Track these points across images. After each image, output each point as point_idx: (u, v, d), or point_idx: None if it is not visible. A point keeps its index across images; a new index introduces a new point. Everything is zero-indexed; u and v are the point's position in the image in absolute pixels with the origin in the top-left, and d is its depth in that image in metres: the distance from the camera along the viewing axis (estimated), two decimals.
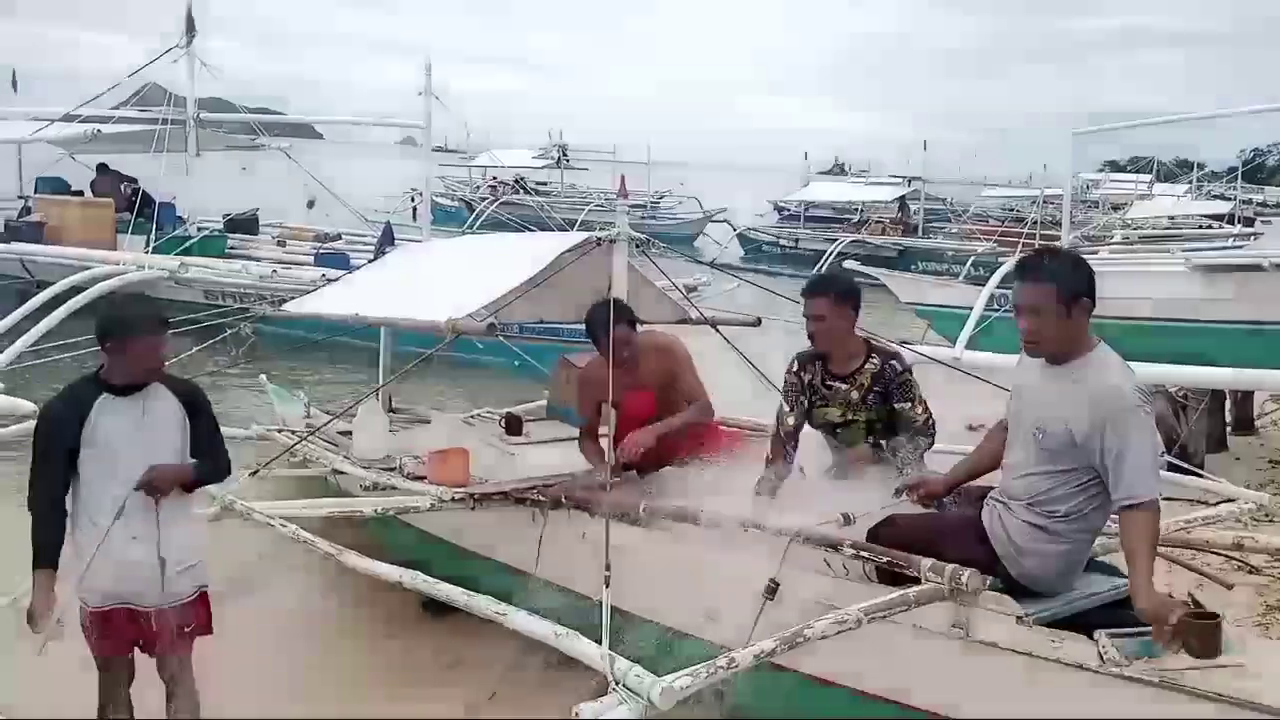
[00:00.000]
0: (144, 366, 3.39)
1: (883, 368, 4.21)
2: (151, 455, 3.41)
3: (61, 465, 3.36)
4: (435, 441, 5.37)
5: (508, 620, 3.03)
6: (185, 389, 3.56)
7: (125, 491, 3.36)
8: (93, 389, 3.39)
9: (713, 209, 30.51)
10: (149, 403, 3.42)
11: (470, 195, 31.05)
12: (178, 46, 13.15)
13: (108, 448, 3.36)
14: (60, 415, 3.39)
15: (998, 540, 3.29)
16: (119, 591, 3.41)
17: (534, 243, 6.21)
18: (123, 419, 3.38)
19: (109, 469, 3.36)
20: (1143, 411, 3.05)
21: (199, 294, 11.14)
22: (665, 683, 2.45)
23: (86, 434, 3.34)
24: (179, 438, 3.48)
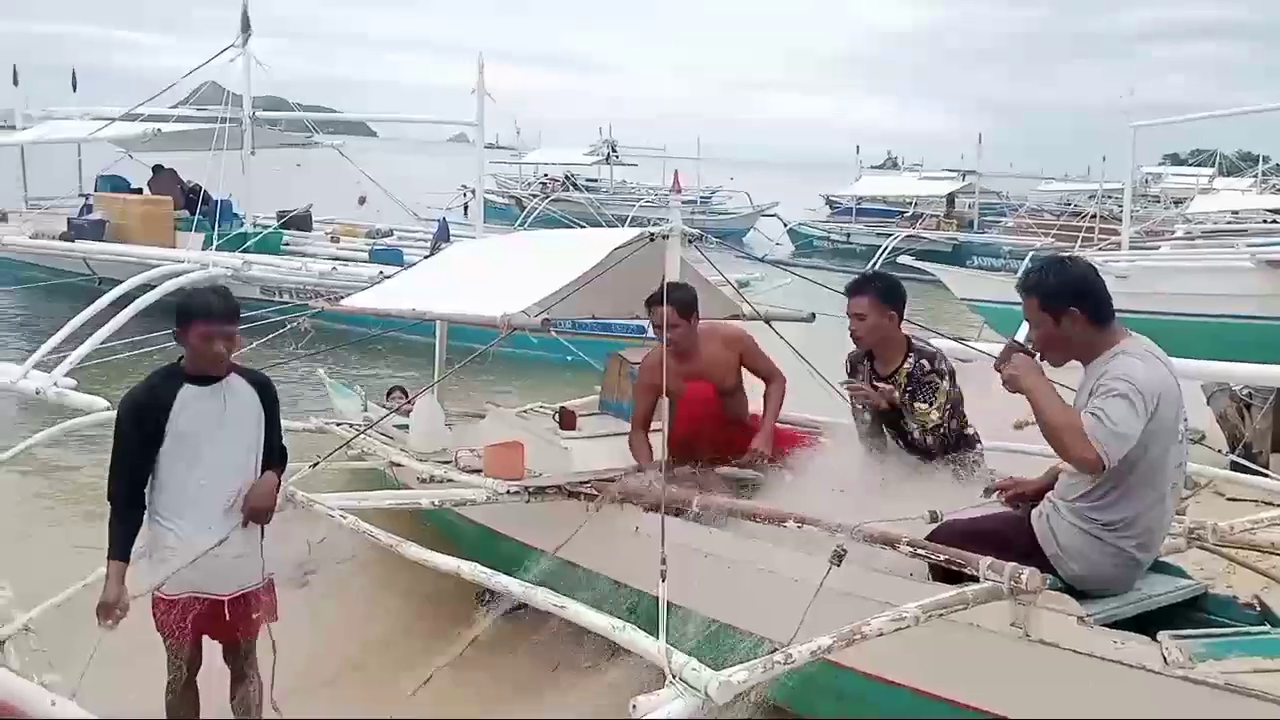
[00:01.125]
0: (205, 353, 3.40)
1: (915, 366, 4.20)
2: (231, 446, 3.46)
3: (143, 456, 3.40)
4: (490, 435, 5.43)
5: (566, 612, 3.04)
6: (260, 380, 3.61)
7: (207, 479, 3.42)
8: (175, 380, 3.43)
9: (763, 204, 30.41)
10: (229, 393, 3.47)
11: (521, 192, 31.22)
12: (234, 46, 13.35)
13: (190, 437, 3.40)
14: (143, 405, 3.42)
15: (1045, 542, 3.28)
16: (191, 580, 3.46)
17: (588, 239, 6.24)
18: (204, 409, 3.42)
19: (190, 458, 3.41)
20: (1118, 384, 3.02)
21: (255, 290, 11.33)
22: (723, 677, 2.46)
23: (169, 424, 3.37)
24: (256, 428, 3.54)
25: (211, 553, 3.41)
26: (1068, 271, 3.31)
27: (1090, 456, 2.96)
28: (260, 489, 3.52)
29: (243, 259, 11.14)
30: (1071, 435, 2.98)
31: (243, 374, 3.57)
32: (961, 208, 27.92)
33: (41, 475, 7.30)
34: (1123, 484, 3.15)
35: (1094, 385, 3.10)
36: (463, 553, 3.92)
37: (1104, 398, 3.01)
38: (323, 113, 17.56)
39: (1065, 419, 3.03)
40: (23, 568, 4.60)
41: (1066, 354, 3.25)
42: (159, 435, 3.38)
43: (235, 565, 3.50)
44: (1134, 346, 3.19)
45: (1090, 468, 3.01)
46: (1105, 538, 3.20)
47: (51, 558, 5.36)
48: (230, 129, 13.11)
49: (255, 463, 3.55)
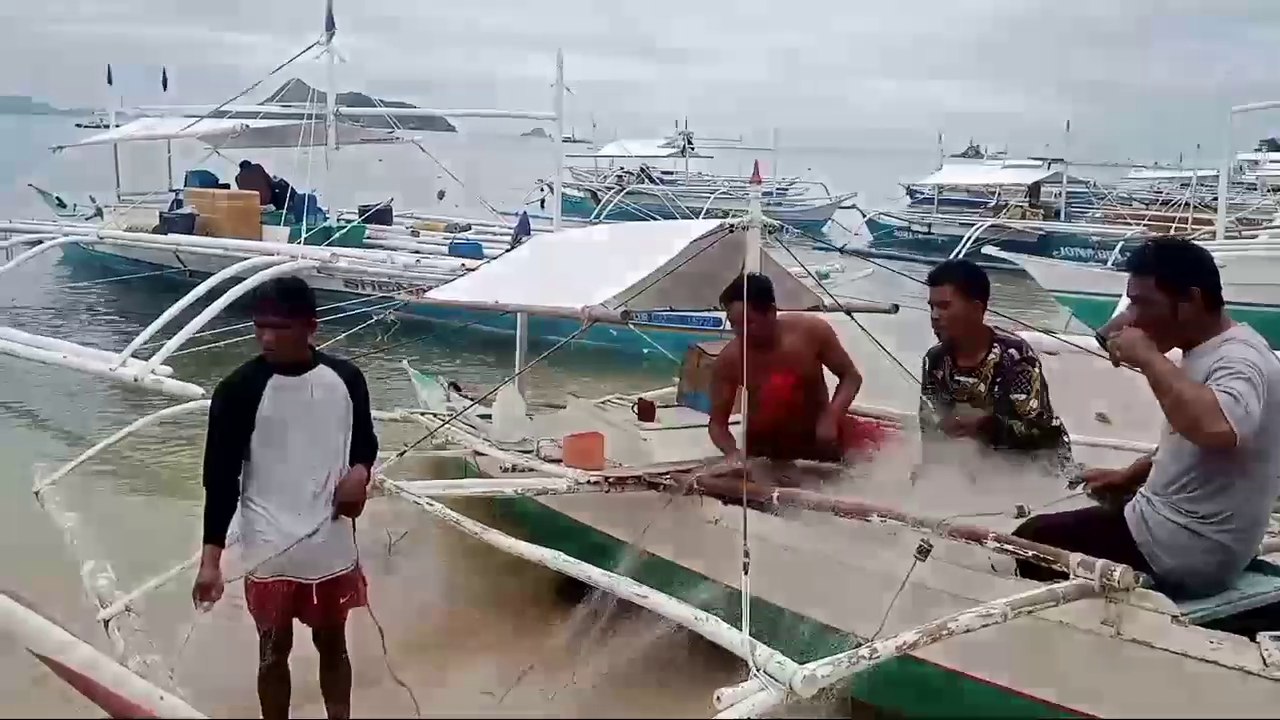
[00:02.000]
0: (267, 342, 3.46)
1: (1002, 356, 4.10)
2: (318, 434, 3.53)
3: (234, 442, 3.49)
4: (570, 426, 5.49)
5: (648, 602, 3.06)
6: (349, 371, 3.67)
7: (294, 467, 3.50)
8: (265, 369, 3.50)
9: (841, 194, 30.05)
10: (316, 383, 3.54)
11: (596, 185, 31.34)
12: (318, 43, 13.63)
13: (277, 425, 3.48)
14: (233, 393, 3.52)
15: (1139, 536, 3.19)
16: (280, 564, 3.54)
17: (667, 230, 6.25)
18: (293, 398, 3.49)
19: (278, 446, 3.49)
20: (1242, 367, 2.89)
21: (340, 283, 11.57)
22: (807, 670, 2.45)
23: (259, 412, 3.46)
24: (343, 418, 3.59)
25: (298, 536, 3.49)
26: (1191, 251, 3.23)
27: (1223, 429, 2.79)
28: (350, 484, 3.58)
29: (330, 252, 11.38)
30: (1203, 408, 2.81)
31: (332, 365, 3.63)
32: (1047, 197, 27.22)
33: (140, 461, 7.55)
34: (1224, 474, 3.04)
35: (1211, 368, 2.95)
36: (541, 542, 3.97)
37: (1229, 378, 2.86)
38: (403, 108, 17.79)
39: (1195, 392, 2.86)
40: (124, 551, 4.76)
41: (1172, 338, 3.09)
42: (249, 422, 3.46)
43: (323, 550, 3.57)
44: (1245, 334, 3.08)
45: (1223, 442, 2.83)
46: (1203, 531, 3.10)
47: (151, 541, 5.56)
48: (315, 125, 13.41)
49: (343, 451, 3.61)
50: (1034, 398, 4.06)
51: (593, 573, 3.37)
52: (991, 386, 4.11)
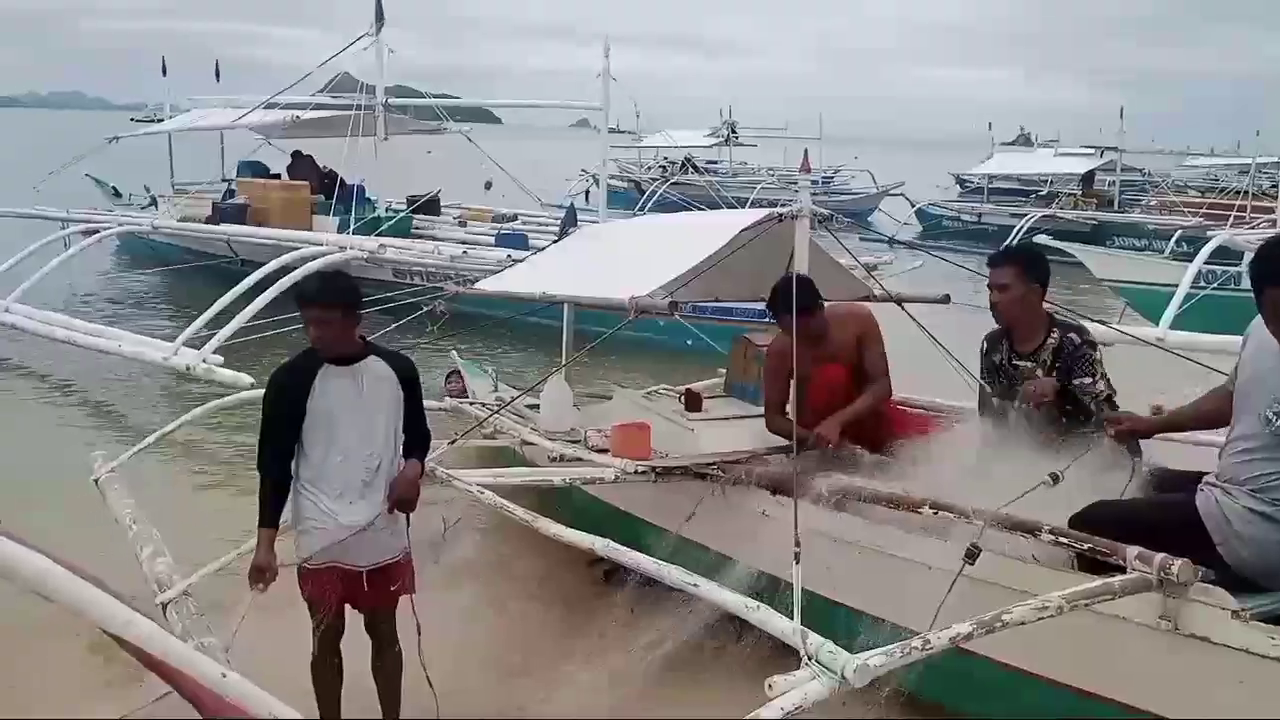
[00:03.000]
0: (311, 335, 3.52)
1: (1062, 341, 4.04)
2: (368, 424, 3.57)
3: (286, 430, 3.55)
4: (617, 416, 5.50)
5: (698, 590, 3.06)
6: (401, 363, 3.70)
7: (344, 455, 3.55)
8: (316, 359, 3.55)
9: (888, 184, 29.76)
10: (366, 374, 3.58)
11: (640, 176, 31.31)
12: (367, 35, 13.75)
13: (327, 415, 3.53)
14: (285, 383, 3.58)
15: (1216, 526, 3.11)
16: (331, 551, 3.59)
17: (714, 220, 6.23)
18: (342, 388, 3.54)
19: (329, 434, 3.54)
20: None
21: (388, 273, 11.68)
22: (860, 660, 2.44)
23: (309, 401, 3.51)
24: (393, 408, 3.63)
25: (349, 525, 3.54)
26: None
27: None
28: (404, 482, 3.62)
29: (378, 242, 11.49)
30: None
31: (383, 356, 3.67)
32: (1100, 186, 26.74)
33: (196, 449, 7.70)
34: None
35: None
36: (589, 530, 3.98)
37: None
38: (450, 100, 17.88)
39: None
40: (181, 537, 4.86)
41: None
42: (300, 411, 3.52)
43: (374, 539, 3.61)
44: None
45: None
46: None
47: (206, 527, 5.67)
48: (364, 116, 13.54)
49: (394, 441, 3.65)
50: (1100, 379, 4.00)
51: (642, 560, 3.38)
52: (1050, 372, 4.04)
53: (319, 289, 3.59)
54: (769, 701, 2.37)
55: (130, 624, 1.79)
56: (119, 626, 1.76)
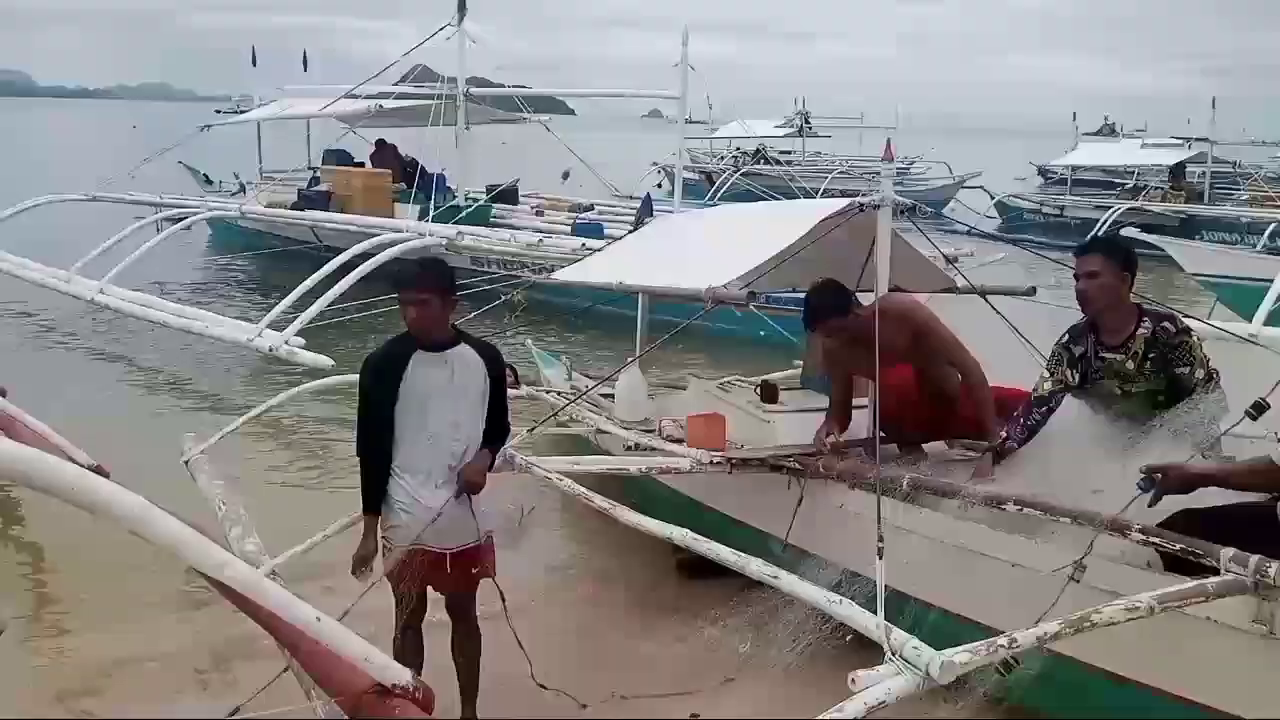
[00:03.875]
0: (409, 319, 3.58)
1: (1155, 331, 3.91)
2: (456, 409, 3.64)
3: (381, 413, 3.63)
4: (692, 407, 5.51)
5: (779, 583, 3.06)
6: (489, 351, 3.76)
7: (432, 441, 3.62)
8: (409, 345, 3.63)
9: (964, 174, 29.16)
10: (456, 360, 3.65)
11: (712, 166, 31.15)
12: (449, 25, 13.91)
13: (419, 399, 3.60)
14: (379, 367, 3.66)
15: None
16: (414, 534, 3.66)
17: (793, 210, 6.18)
18: (434, 373, 3.61)
19: (419, 419, 3.61)
20: None
21: (467, 260, 11.83)
22: (945, 656, 2.42)
23: (402, 385, 3.59)
24: (480, 396, 3.69)
25: (433, 509, 3.60)
26: None
27: None
28: (472, 470, 3.68)
29: (456, 230, 11.62)
30: None
31: (474, 345, 3.73)
32: (1190, 177, 25.83)
33: (282, 432, 7.89)
34: None
35: None
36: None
37: None
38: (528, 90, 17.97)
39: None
40: (268, 518, 5.00)
41: None
42: (393, 394, 3.59)
43: (458, 522, 3.68)
44: None
45: None
46: None
47: (293, 509, 5.83)
48: (445, 105, 13.70)
49: (479, 428, 3.71)
50: (1199, 366, 3.88)
51: (722, 551, 3.38)
52: (1142, 363, 3.93)
53: (417, 274, 3.67)
54: (852, 696, 2.36)
55: (227, 565, 1.83)
56: (214, 568, 1.81)
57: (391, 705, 1.86)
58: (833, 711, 2.29)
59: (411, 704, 1.90)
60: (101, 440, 7.11)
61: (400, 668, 1.82)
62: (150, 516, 1.81)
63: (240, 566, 1.90)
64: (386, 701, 1.86)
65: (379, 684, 1.83)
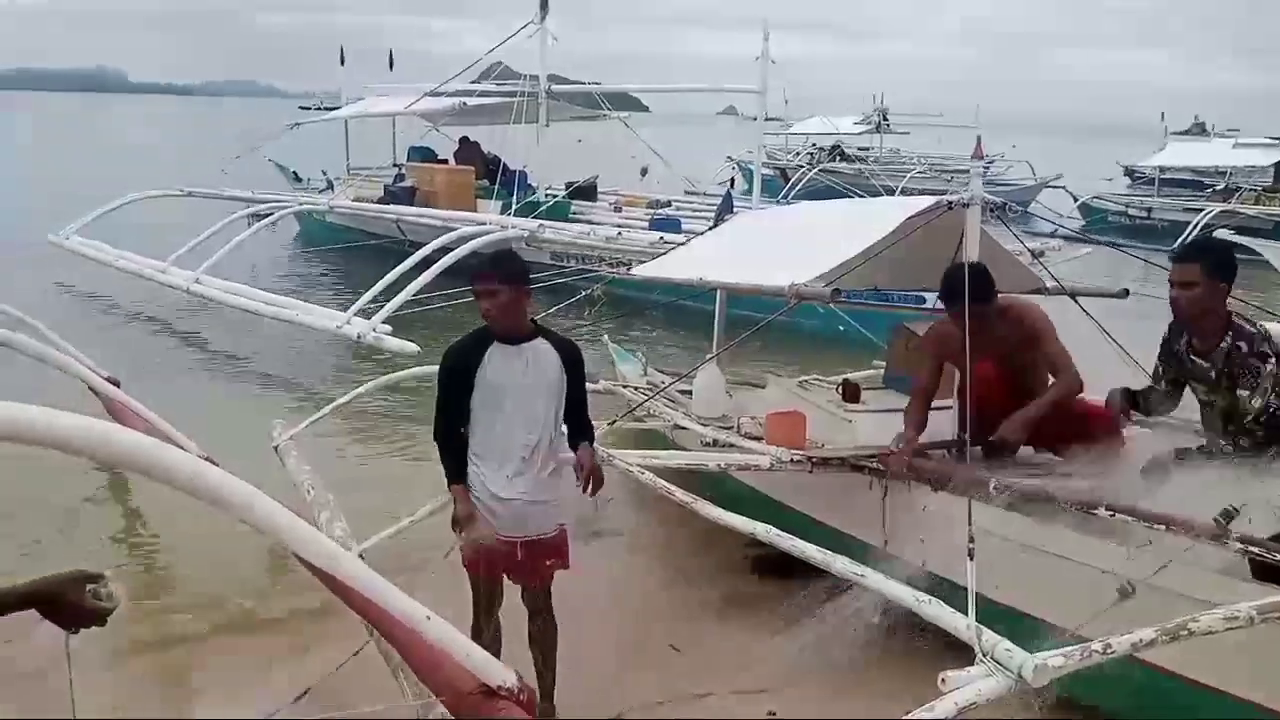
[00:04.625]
0: (484, 310, 3.66)
1: (1232, 348, 3.81)
2: (531, 401, 3.71)
3: (458, 402, 3.73)
4: (771, 404, 5.49)
5: (865, 581, 3.05)
6: (566, 345, 3.83)
7: (506, 430, 3.70)
8: (487, 338, 3.72)
9: (1046, 175, 28.53)
10: (532, 354, 3.72)
11: (787, 163, 30.95)
12: (532, 23, 14.05)
13: (495, 390, 3.69)
14: (457, 358, 3.76)
15: None
16: (495, 523, 3.73)
17: (879, 208, 6.13)
18: (510, 366, 3.70)
19: (494, 410, 3.71)
20: None
21: (546, 255, 11.96)
22: (1039, 659, 2.39)
23: (478, 376, 3.69)
24: (556, 390, 3.76)
25: (507, 499, 3.69)
26: None
27: None
28: (594, 466, 3.78)
29: (538, 223, 11.78)
30: None
31: (552, 340, 3.80)
32: None
33: (369, 420, 8.04)
34: None
35: None
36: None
37: None
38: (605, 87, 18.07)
39: None
40: (355, 502, 5.13)
41: None
42: (470, 384, 3.69)
43: (529, 511, 3.75)
44: None
45: None
46: None
47: (379, 494, 5.95)
48: (526, 103, 13.86)
49: (553, 421, 3.78)
50: (1259, 395, 3.75)
51: (807, 549, 3.37)
52: (1220, 376, 3.85)
53: (492, 266, 3.75)
54: (942, 696, 2.35)
55: (338, 558, 1.88)
56: (327, 560, 1.86)
57: (497, 706, 1.89)
58: (922, 711, 2.28)
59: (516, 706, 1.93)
60: (194, 426, 7.37)
61: (506, 669, 1.85)
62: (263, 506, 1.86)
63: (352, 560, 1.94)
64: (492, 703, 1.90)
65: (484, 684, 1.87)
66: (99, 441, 1.68)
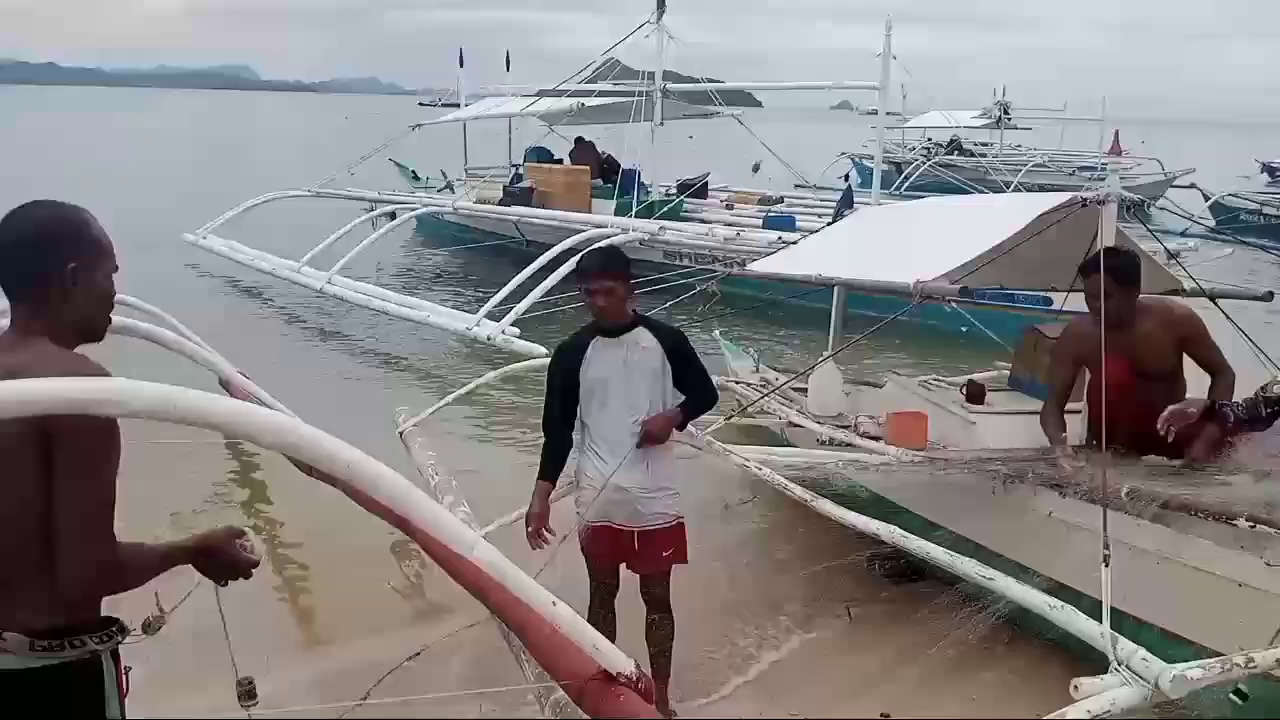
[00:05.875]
0: (593, 310, 3.80)
1: None
2: (634, 390, 3.81)
3: (565, 396, 3.90)
4: (891, 403, 5.43)
5: (994, 585, 3.00)
6: (667, 332, 3.94)
7: (612, 420, 3.81)
8: (590, 332, 3.89)
9: (1175, 171, 27.27)
10: (632, 344, 3.84)
11: (902, 157, 30.35)
12: (649, 22, 14.11)
13: (599, 382, 3.84)
14: (563, 354, 3.95)
15: None
16: (607, 512, 3.84)
17: (1006, 204, 5.99)
18: (611, 358, 3.83)
19: (600, 401, 3.85)
20: None
21: (659, 254, 12.00)
22: (1178, 670, 2.33)
23: (582, 370, 3.84)
24: (657, 377, 3.85)
25: (618, 486, 3.76)
26: None
27: None
28: (659, 418, 3.83)
29: (659, 225, 11.81)
30: None
31: (653, 328, 3.90)
32: None
33: (490, 409, 8.24)
34: None
35: None
36: None
37: None
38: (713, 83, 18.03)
39: None
40: (475, 488, 5.27)
41: None
42: (575, 381, 3.85)
43: (641, 501, 3.82)
44: None
45: None
46: None
47: (500, 480, 6.10)
48: (640, 102, 13.94)
49: (658, 409, 3.85)
50: None
51: (933, 550, 3.33)
52: None
53: (598, 262, 3.90)
54: (1074, 703, 2.31)
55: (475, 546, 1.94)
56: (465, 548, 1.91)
57: (616, 693, 1.93)
58: (1055, 713, 2.25)
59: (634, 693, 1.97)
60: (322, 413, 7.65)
61: (624, 657, 1.91)
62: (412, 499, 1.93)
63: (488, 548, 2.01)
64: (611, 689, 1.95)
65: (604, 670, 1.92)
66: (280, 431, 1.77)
